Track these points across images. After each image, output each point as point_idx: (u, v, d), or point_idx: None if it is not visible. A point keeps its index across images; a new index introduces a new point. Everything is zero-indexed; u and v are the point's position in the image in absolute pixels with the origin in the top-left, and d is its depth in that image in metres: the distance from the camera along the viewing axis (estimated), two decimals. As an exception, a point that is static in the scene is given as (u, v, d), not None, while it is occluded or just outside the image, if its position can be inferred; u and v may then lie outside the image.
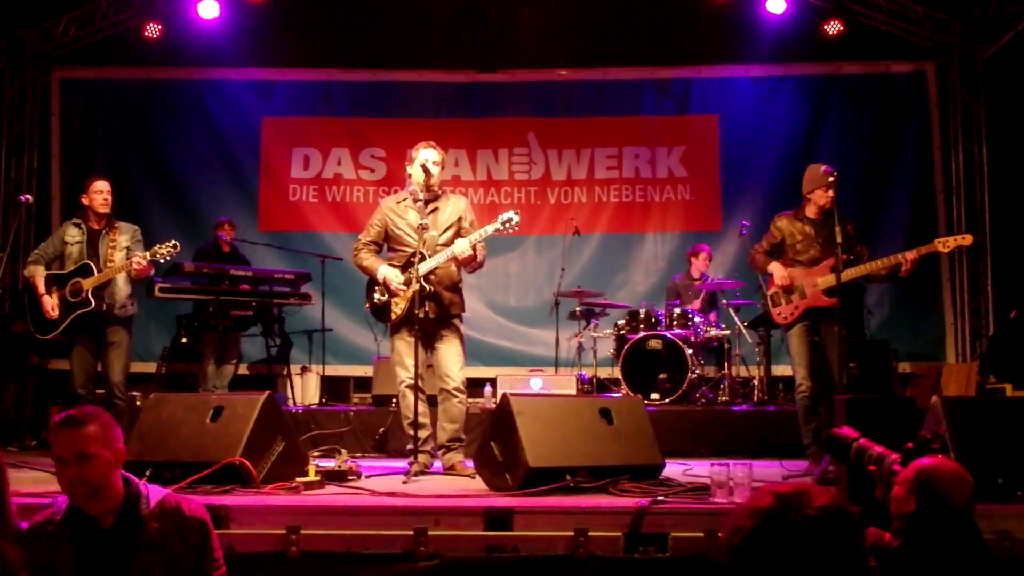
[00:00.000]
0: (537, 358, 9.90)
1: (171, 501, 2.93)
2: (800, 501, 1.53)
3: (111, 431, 2.89)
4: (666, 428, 6.66)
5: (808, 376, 5.93)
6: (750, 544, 1.53)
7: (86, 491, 2.80)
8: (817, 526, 1.51)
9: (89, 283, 6.15)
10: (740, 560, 1.54)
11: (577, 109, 10.77)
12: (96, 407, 3.01)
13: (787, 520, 1.51)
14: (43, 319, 6.25)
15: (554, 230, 10.50)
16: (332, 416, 7.67)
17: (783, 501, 1.54)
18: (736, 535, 1.56)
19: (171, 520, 2.88)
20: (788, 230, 6.14)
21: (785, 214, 6.26)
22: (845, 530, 1.53)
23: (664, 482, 4.75)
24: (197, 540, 2.90)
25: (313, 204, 10.69)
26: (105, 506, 2.84)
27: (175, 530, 2.87)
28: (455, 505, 4.14)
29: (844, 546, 1.53)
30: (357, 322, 9.87)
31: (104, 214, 6.38)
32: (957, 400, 5.87)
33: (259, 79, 10.77)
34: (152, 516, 2.86)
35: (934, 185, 10.29)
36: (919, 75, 10.43)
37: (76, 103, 10.65)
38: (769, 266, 6.13)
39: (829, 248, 5.90)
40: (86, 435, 2.81)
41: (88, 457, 2.78)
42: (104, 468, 2.82)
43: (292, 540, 3.80)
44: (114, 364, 6.29)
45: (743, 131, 10.56)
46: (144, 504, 2.88)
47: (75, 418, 2.85)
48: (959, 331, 10.13)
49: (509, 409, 4.64)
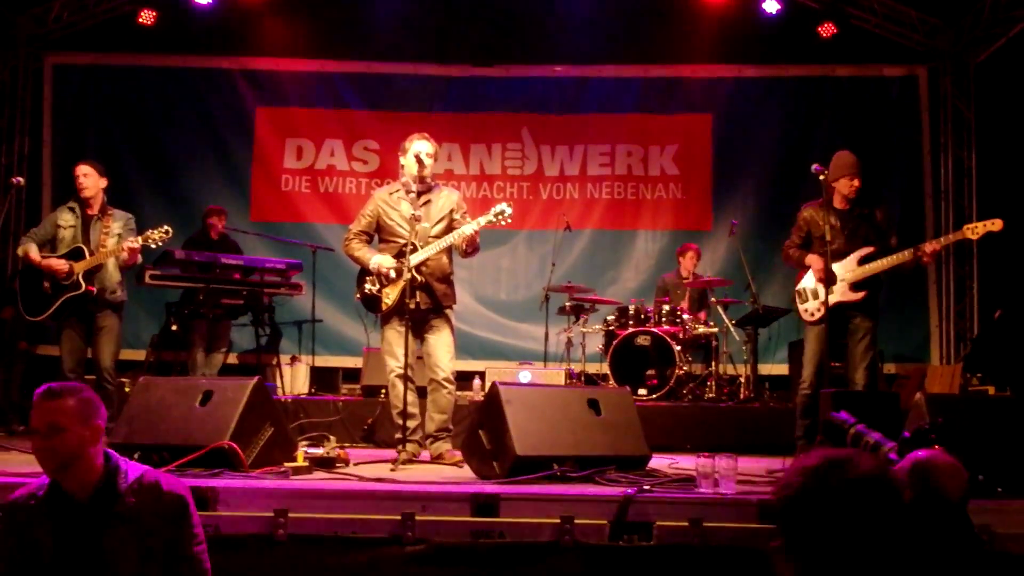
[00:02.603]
0: (526, 352, 9.92)
1: (149, 477, 2.92)
2: (846, 465, 1.66)
3: (90, 407, 2.89)
4: (653, 423, 6.67)
5: (814, 374, 5.92)
6: (798, 500, 1.67)
7: (55, 464, 2.81)
8: (858, 488, 1.64)
9: (80, 266, 6.17)
10: (789, 514, 1.69)
11: (571, 106, 10.80)
12: (81, 383, 3.01)
13: (831, 480, 1.64)
14: (34, 303, 6.26)
15: (545, 225, 10.52)
16: (321, 406, 7.69)
17: (831, 462, 1.67)
18: (786, 489, 1.70)
19: (148, 495, 2.87)
20: (814, 221, 6.05)
21: (810, 204, 6.16)
22: (885, 495, 1.65)
23: (650, 473, 4.79)
24: (173, 515, 2.88)
25: (305, 195, 10.69)
26: (81, 481, 2.84)
27: (151, 505, 2.85)
28: (442, 491, 4.17)
29: (883, 510, 1.65)
30: (347, 313, 9.89)
31: (87, 198, 6.38)
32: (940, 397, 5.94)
33: (253, 68, 10.76)
34: (129, 491, 2.86)
35: (923, 188, 10.36)
36: (911, 79, 10.49)
37: (68, 89, 10.62)
38: (807, 259, 6.03)
39: (855, 240, 5.86)
40: (61, 408, 2.82)
41: (60, 430, 2.78)
42: (75, 442, 2.81)
43: (279, 523, 3.82)
44: (104, 349, 6.31)
45: (735, 131, 10.61)
46: (122, 479, 2.88)
47: (55, 391, 2.86)
48: (944, 333, 10.20)
49: (498, 398, 4.68)
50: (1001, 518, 3.84)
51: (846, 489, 1.62)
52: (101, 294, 6.26)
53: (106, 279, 6.30)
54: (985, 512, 3.85)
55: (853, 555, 1.59)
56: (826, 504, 1.63)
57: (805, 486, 1.65)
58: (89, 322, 6.33)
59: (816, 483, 1.65)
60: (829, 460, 1.67)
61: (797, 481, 1.66)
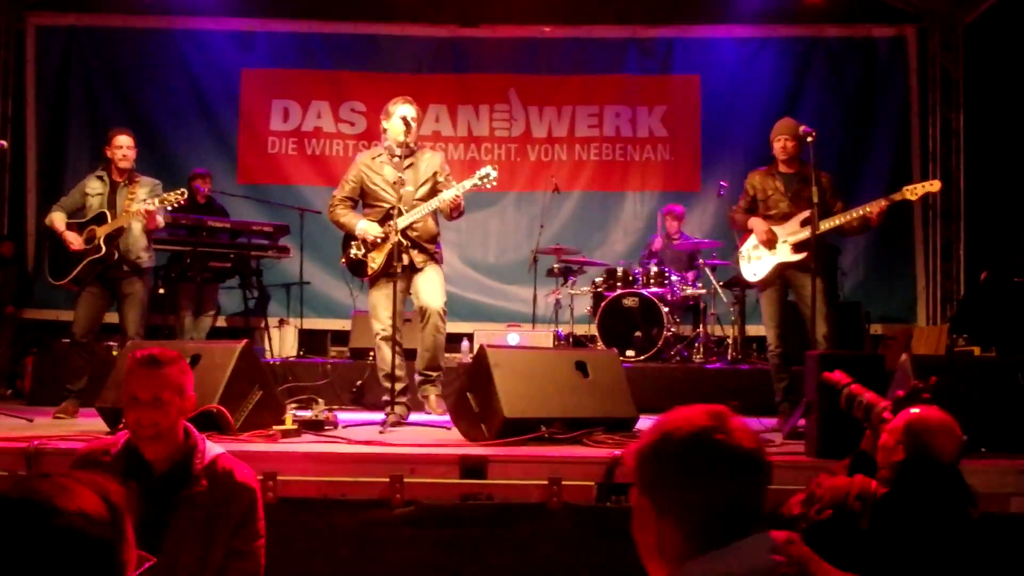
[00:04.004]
0: (515, 314, 9.93)
1: (224, 463, 2.86)
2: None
3: (187, 377, 2.87)
4: (641, 385, 6.69)
5: (779, 336, 5.98)
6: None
7: (153, 433, 2.75)
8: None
9: (102, 230, 6.12)
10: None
11: (559, 66, 10.73)
12: (175, 351, 2.93)
13: None
14: (59, 265, 6.21)
15: (534, 187, 10.50)
16: (310, 368, 7.70)
17: None
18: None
19: (221, 482, 2.81)
20: (760, 185, 6.12)
21: (758, 170, 6.25)
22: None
23: (637, 434, 4.80)
24: (242, 508, 2.83)
25: (292, 157, 10.62)
26: (164, 452, 2.78)
27: (223, 492, 2.80)
28: (431, 454, 4.20)
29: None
30: (335, 276, 9.86)
31: (124, 169, 6.33)
32: (925, 358, 5.98)
33: (239, 30, 10.63)
34: (203, 473, 2.80)
35: (911, 149, 10.37)
36: (899, 40, 10.46)
37: (52, 50, 10.47)
38: (749, 222, 6.08)
39: (799, 203, 5.91)
40: (165, 377, 2.78)
41: (162, 402, 2.74)
42: (175, 413, 2.79)
43: (268, 486, 3.84)
44: (128, 316, 6.23)
45: (724, 92, 10.56)
46: (199, 459, 2.82)
47: (157, 359, 2.80)
48: (931, 294, 10.26)
49: (486, 361, 4.70)
50: (984, 478, 3.88)
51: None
52: (125, 258, 6.20)
53: (130, 243, 6.22)
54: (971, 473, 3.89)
55: None
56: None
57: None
58: (114, 289, 6.27)
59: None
60: None
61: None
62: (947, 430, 2.84)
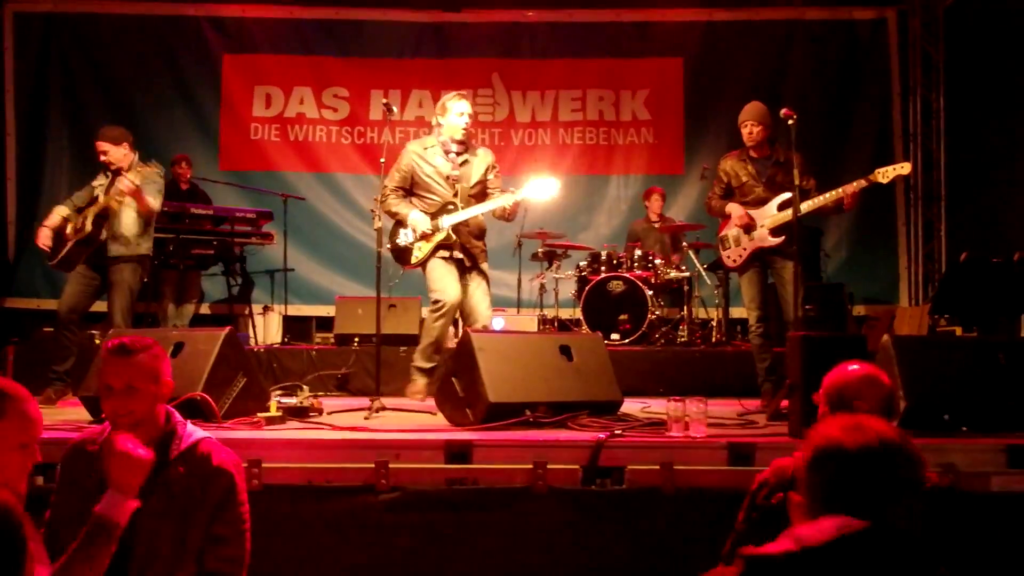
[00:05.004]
0: (499, 298, 9.83)
1: (204, 447, 2.82)
2: None
3: (162, 363, 2.84)
4: (625, 368, 6.74)
5: (760, 318, 6.02)
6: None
7: (130, 421, 2.73)
8: None
9: (90, 211, 6.14)
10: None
11: (542, 51, 10.72)
12: (149, 338, 2.90)
13: None
14: (54, 250, 6.24)
15: (518, 172, 10.48)
16: (294, 355, 7.69)
17: None
18: None
19: (197, 465, 2.78)
20: (733, 171, 6.13)
21: (730, 154, 6.25)
22: None
23: (622, 417, 4.83)
24: (218, 492, 2.78)
25: (275, 143, 10.57)
26: (143, 439, 2.72)
27: (199, 476, 2.77)
28: (416, 439, 4.20)
29: None
30: (319, 262, 9.87)
31: (116, 169, 6.31)
32: (906, 339, 6.02)
33: (220, 15, 10.57)
34: (180, 459, 2.78)
35: (892, 131, 10.41)
36: (880, 22, 10.49)
37: (30, 37, 10.37)
38: (727, 207, 6.10)
39: (773, 187, 5.95)
40: (137, 365, 2.75)
41: (135, 390, 2.73)
42: (151, 401, 2.78)
43: (253, 473, 3.83)
44: (113, 304, 6.19)
45: (706, 75, 10.58)
46: (176, 444, 2.80)
47: (127, 347, 2.77)
48: (913, 275, 10.33)
49: (470, 346, 4.69)
50: (965, 457, 3.92)
51: None
52: (112, 243, 6.17)
53: (117, 227, 6.19)
54: (951, 451, 3.94)
55: None
56: None
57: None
58: (104, 275, 6.25)
59: None
60: None
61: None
62: (869, 379, 2.82)
